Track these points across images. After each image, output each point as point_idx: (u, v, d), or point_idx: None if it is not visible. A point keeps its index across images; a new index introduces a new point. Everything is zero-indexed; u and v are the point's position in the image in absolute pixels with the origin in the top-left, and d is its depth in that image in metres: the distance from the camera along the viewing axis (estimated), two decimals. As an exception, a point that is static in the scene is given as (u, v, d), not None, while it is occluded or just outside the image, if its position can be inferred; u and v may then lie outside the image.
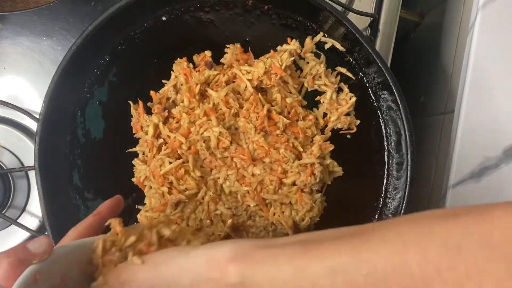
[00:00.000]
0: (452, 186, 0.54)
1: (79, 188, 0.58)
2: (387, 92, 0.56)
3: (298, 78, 0.59)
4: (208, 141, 0.54)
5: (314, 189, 0.58)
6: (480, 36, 0.54)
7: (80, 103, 0.58)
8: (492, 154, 0.53)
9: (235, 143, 0.55)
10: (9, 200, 0.66)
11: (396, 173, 0.57)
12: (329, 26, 0.57)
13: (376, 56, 0.54)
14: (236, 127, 0.55)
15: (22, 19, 0.67)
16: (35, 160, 0.54)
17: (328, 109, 0.58)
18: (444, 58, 0.66)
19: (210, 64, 0.57)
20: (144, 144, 0.57)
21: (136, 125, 0.58)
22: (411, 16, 0.79)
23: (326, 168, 0.57)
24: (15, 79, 0.68)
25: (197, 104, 0.56)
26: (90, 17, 0.61)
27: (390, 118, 0.57)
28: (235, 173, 0.54)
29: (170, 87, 0.58)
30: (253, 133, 0.54)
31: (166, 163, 0.55)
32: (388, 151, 0.58)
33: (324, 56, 0.58)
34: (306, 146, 0.58)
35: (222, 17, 0.58)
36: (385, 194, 0.58)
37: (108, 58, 0.58)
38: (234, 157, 0.54)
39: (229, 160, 0.55)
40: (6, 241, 0.66)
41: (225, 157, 0.55)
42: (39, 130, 0.54)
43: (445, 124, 0.60)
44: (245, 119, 0.55)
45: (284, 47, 0.58)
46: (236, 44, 0.58)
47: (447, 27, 0.68)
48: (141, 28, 0.58)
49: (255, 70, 0.56)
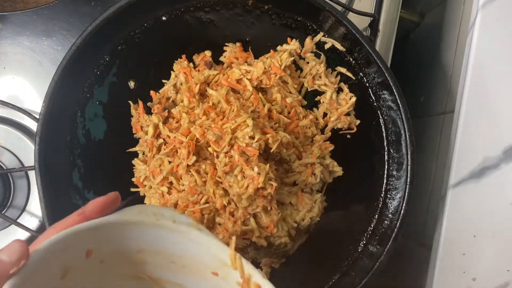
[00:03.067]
0: (452, 186, 0.54)
1: (79, 188, 0.58)
2: (387, 92, 0.56)
3: (298, 78, 0.59)
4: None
5: (314, 189, 0.58)
6: (480, 36, 0.54)
7: (80, 103, 0.58)
8: (492, 154, 0.53)
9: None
10: (9, 200, 0.66)
11: (396, 173, 0.57)
12: (329, 26, 0.57)
13: (376, 56, 0.54)
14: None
15: (22, 19, 0.67)
16: (35, 160, 0.54)
17: (328, 109, 0.58)
18: (444, 58, 0.66)
19: (210, 63, 0.58)
20: (144, 144, 0.57)
21: (136, 125, 0.58)
22: (411, 16, 0.79)
23: (326, 168, 0.57)
24: (15, 79, 0.68)
25: (197, 103, 0.56)
26: (90, 17, 0.61)
27: (390, 118, 0.57)
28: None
29: (170, 86, 0.58)
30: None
31: (165, 162, 0.55)
32: (388, 151, 0.58)
33: (324, 56, 0.58)
34: (306, 146, 0.58)
35: (222, 17, 0.58)
36: (385, 194, 0.58)
37: (108, 58, 0.58)
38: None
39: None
40: (6, 241, 0.66)
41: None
42: (39, 130, 0.54)
43: (445, 124, 0.60)
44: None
45: (284, 47, 0.58)
46: (237, 44, 0.58)
47: (447, 27, 0.68)
48: (141, 28, 0.58)
49: (254, 70, 0.56)
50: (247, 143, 0.50)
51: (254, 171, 0.50)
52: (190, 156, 0.53)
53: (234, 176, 0.51)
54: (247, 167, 0.50)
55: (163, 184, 0.55)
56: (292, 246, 0.57)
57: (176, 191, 0.54)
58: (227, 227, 0.52)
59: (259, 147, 0.51)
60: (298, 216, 0.56)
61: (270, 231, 0.53)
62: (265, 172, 0.50)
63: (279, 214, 0.53)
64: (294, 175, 0.56)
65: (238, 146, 0.51)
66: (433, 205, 0.59)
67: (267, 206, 0.52)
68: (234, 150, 0.51)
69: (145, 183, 0.57)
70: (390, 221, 0.56)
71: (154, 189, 0.56)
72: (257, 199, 0.52)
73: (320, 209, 0.57)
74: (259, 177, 0.50)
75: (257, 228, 0.53)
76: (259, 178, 0.50)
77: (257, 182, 0.50)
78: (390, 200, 0.57)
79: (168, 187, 0.55)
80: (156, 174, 0.55)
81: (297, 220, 0.56)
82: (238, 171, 0.51)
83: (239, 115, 0.53)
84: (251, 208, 0.52)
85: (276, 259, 0.58)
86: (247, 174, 0.50)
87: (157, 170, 0.55)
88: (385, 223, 0.56)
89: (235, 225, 0.52)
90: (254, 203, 0.52)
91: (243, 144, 0.50)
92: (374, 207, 0.58)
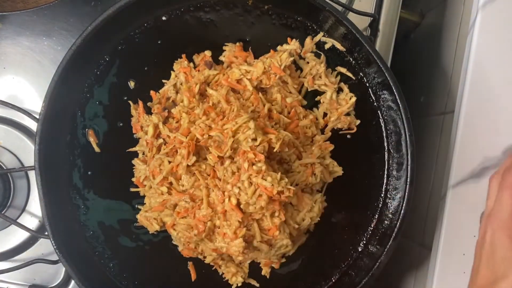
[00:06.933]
0: (452, 186, 0.54)
1: (79, 188, 0.58)
2: (387, 92, 0.56)
3: (298, 78, 0.59)
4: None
5: (314, 189, 0.58)
6: (480, 36, 0.54)
7: (80, 103, 0.58)
8: (492, 154, 0.53)
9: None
10: (9, 200, 0.66)
11: (396, 173, 0.57)
12: (329, 26, 0.57)
13: (376, 56, 0.54)
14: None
15: (22, 19, 0.67)
16: (35, 160, 0.54)
17: (328, 109, 0.58)
18: (444, 58, 0.66)
19: (210, 63, 0.58)
20: (144, 144, 0.57)
21: (136, 125, 0.58)
22: (411, 16, 0.79)
23: (326, 168, 0.57)
24: (15, 79, 0.68)
25: (197, 103, 0.56)
26: (90, 17, 0.61)
27: (390, 118, 0.57)
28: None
29: (170, 86, 0.58)
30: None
31: (165, 162, 0.55)
32: (388, 151, 0.58)
33: (324, 56, 0.58)
34: (306, 146, 0.58)
35: (222, 17, 0.58)
36: (385, 194, 0.58)
37: (108, 58, 0.58)
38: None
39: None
40: (6, 241, 0.66)
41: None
42: (39, 130, 0.54)
43: (445, 124, 0.60)
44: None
45: (284, 47, 0.58)
46: (237, 43, 0.58)
47: (447, 27, 0.68)
48: (141, 28, 0.58)
49: (254, 70, 0.56)
50: (251, 146, 0.50)
51: (268, 181, 0.50)
52: (190, 156, 0.53)
53: (241, 182, 0.51)
54: (258, 177, 0.50)
55: (162, 184, 0.55)
56: (292, 247, 0.57)
57: (176, 192, 0.54)
58: (227, 232, 0.52)
59: (263, 150, 0.51)
60: (299, 216, 0.56)
61: (272, 234, 0.53)
62: (277, 181, 0.50)
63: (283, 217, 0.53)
64: (294, 175, 0.56)
65: (244, 152, 0.50)
66: (433, 205, 0.59)
67: (276, 211, 0.52)
68: (239, 156, 0.51)
69: (145, 183, 0.57)
70: (390, 221, 0.56)
71: (154, 189, 0.56)
72: (269, 204, 0.51)
73: (320, 209, 0.57)
74: (273, 189, 0.50)
75: (259, 232, 0.53)
76: (273, 190, 0.50)
77: (271, 193, 0.50)
78: (390, 200, 0.57)
79: (168, 187, 0.55)
80: (156, 174, 0.55)
81: (298, 221, 0.56)
82: (246, 178, 0.51)
83: (239, 115, 0.53)
84: (258, 214, 0.52)
85: (276, 259, 0.58)
86: (258, 183, 0.50)
87: (157, 170, 0.55)
88: (385, 223, 0.56)
89: (237, 229, 0.52)
90: (264, 209, 0.52)
91: (247, 147, 0.50)
92: (374, 207, 0.58)
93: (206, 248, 0.56)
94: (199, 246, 0.56)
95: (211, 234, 0.54)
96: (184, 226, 0.54)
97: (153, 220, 0.56)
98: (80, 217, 0.58)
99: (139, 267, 0.58)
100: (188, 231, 0.53)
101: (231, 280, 0.58)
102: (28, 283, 0.66)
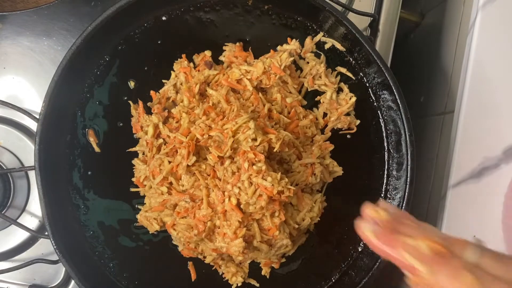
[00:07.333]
0: (452, 186, 0.54)
1: (79, 188, 0.58)
2: (387, 92, 0.56)
3: (298, 78, 0.59)
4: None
5: (314, 189, 0.58)
6: (480, 36, 0.54)
7: (80, 103, 0.58)
8: (492, 154, 0.53)
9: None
10: (9, 200, 0.66)
11: (396, 173, 0.57)
12: (329, 26, 0.57)
13: (376, 56, 0.54)
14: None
15: (22, 19, 0.67)
16: (35, 160, 0.54)
17: (328, 109, 0.58)
18: (444, 58, 0.66)
19: (210, 63, 0.58)
20: (144, 144, 0.57)
21: (136, 125, 0.58)
22: (411, 16, 0.79)
23: (326, 168, 0.57)
24: (15, 79, 0.68)
25: (197, 103, 0.56)
26: (90, 17, 0.61)
27: (390, 118, 0.57)
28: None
29: (170, 86, 0.58)
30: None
31: (165, 162, 0.55)
32: (388, 151, 0.58)
33: (324, 56, 0.58)
34: (306, 146, 0.58)
35: (222, 17, 0.58)
36: (385, 194, 0.58)
37: (108, 58, 0.58)
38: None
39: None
40: (6, 241, 0.66)
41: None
42: (39, 130, 0.54)
43: (445, 124, 0.60)
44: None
45: (284, 47, 0.58)
46: (237, 44, 0.58)
47: (447, 27, 0.68)
48: (141, 28, 0.58)
49: (254, 70, 0.56)
50: (251, 146, 0.50)
51: (268, 181, 0.50)
52: (190, 156, 0.53)
53: (242, 182, 0.51)
54: (258, 177, 0.50)
55: (162, 184, 0.55)
56: (292, 247, 0.57)
57: (176, 192, 0.54)
58: (227, 232, 0.52)
59: (263, 150, 0.51)
60: (299, 216, 0.56)
61: (272, 234, 0.53)
62: (277, 181, 0.50)
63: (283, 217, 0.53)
64: (294, 175, 0.56)
65: (244, 152, 0.51)
66: (433, 205, 0.59)
67: (276, 211, 0.52)
68: (239, 156, 0.51)
69: (145, 183, 0.57)
70: (390, 221, 0.56)
71: (154, 189, 0.56)
72: (269, 204, 0.52)
73: (320, 209, 0.57)
74: (273, 189, 0.50)
75: (259, 232, 0.53)
76: (273, 190, 0.50)
77: (271, 193, 0.50)
78: (390, 200, 0.57)
79: (168, 187, 0.55)
80: (156, 174, 0.55)
81: (298, 221, 0.56)
82: (246, 178, 0.51)
83: (239, 115, 0.53)
84: (258, 214, 0.52)
85: (276, 259, 0.58)
86: (258, 183, 0.50)
87: (157, 170, 0.55)
88: (385, 223, 0.56)
89: (237, 229, 0.52)
90: (264, 209, 0.52)
91: (247, 147, 0.50)
92: (374, 207, 0.58)
93: (206, 248, 0.56)
94: (199, 246, 0.56)
95: (211, 234, 0.54)
96: (184, 226, 0.54)
97: (153, 220, 0.56)
98: (80, 217, 0.58)
99: (139, 267, 0.58)
100: (188, 231, 0.53)
101: (231, 280, 0.58)
102: (28, 283, 0.66)
